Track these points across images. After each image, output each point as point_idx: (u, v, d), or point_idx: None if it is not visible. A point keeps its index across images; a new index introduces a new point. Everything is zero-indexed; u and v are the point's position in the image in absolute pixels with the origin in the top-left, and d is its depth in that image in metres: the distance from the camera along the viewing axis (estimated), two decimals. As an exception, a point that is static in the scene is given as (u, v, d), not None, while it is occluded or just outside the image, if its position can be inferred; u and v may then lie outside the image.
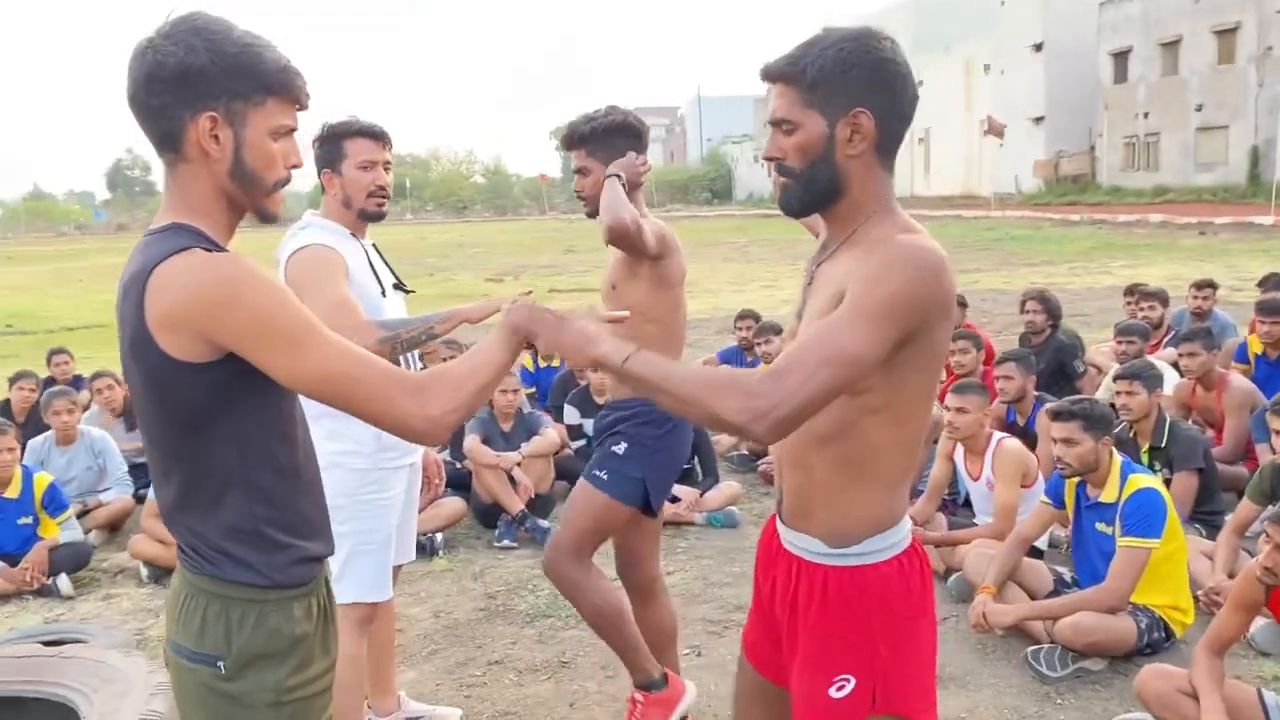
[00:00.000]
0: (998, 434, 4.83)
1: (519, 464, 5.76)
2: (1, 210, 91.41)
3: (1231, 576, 4.01)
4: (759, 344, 6.92)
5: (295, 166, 1.78)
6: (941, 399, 5.31)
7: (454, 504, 5.61)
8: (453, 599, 4.82)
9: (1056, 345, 6.98)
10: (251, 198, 1.73)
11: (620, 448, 3.18)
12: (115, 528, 5.94)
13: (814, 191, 1.88)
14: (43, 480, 5.33)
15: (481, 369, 1.75)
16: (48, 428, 6.03)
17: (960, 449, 4.92)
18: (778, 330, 6.98)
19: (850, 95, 1.81)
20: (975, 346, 6.26)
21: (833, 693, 1.87)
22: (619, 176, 3.10)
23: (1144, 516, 3.83)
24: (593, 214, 3.22)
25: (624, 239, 3.04)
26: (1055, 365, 6.83)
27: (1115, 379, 5.06)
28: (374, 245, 3.32)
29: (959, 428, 4.74)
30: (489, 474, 5.64)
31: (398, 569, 3.48)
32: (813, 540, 1.91)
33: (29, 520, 5.27)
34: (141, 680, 3.24)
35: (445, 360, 3.19)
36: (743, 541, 5.36)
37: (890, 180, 1.90)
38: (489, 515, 5.68)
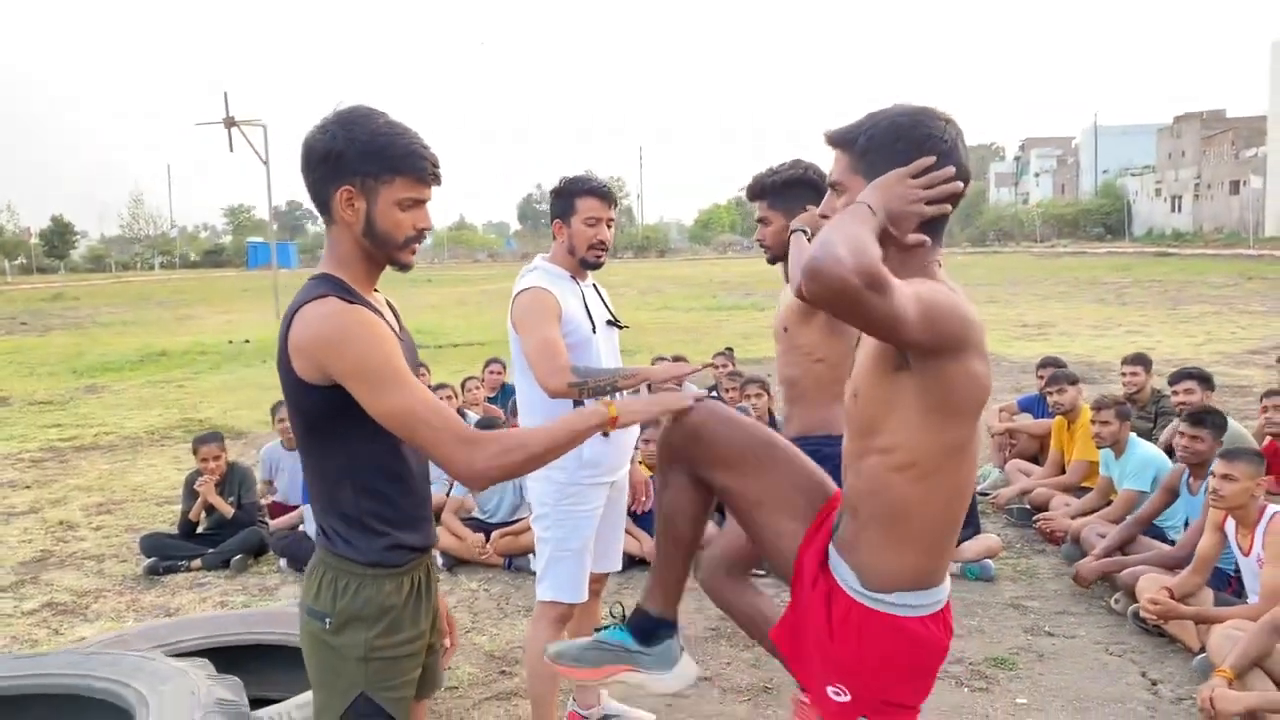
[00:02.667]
0: (1273, 507, 4.39)
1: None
2: (431, 239, 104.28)
3: None
4: (1050, 393, 6.64)
5: (425, 229, 2.19)
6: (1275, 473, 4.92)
7: (709, 527, 5.90)
8: (690, 615, 5.12)
9: None
10: (384, 253, 2.16)
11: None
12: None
13: None
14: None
15: (538, 443, 2.10)
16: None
17: (1232, 521, 4.52)
18: (1074, 380, 6.66)
19: (895, 165, 1.93)
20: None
21: (830, 693, 2.01)
22: (805, 232, 3.29)
23: None
24: (772, 260, 3.44)
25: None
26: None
27: None
28: (594, 284, 3.74)
29: (1224, 496, 4.36)
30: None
31: (602, 577, 3.86)
32: (852, 575, 2.04)
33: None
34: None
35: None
36: (991, 597, 5.22)
37: (932, 245, 1.98)
38: (746, 542, 5.91)
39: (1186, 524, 5.21)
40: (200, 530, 6.36)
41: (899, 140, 1.95)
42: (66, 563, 6.40)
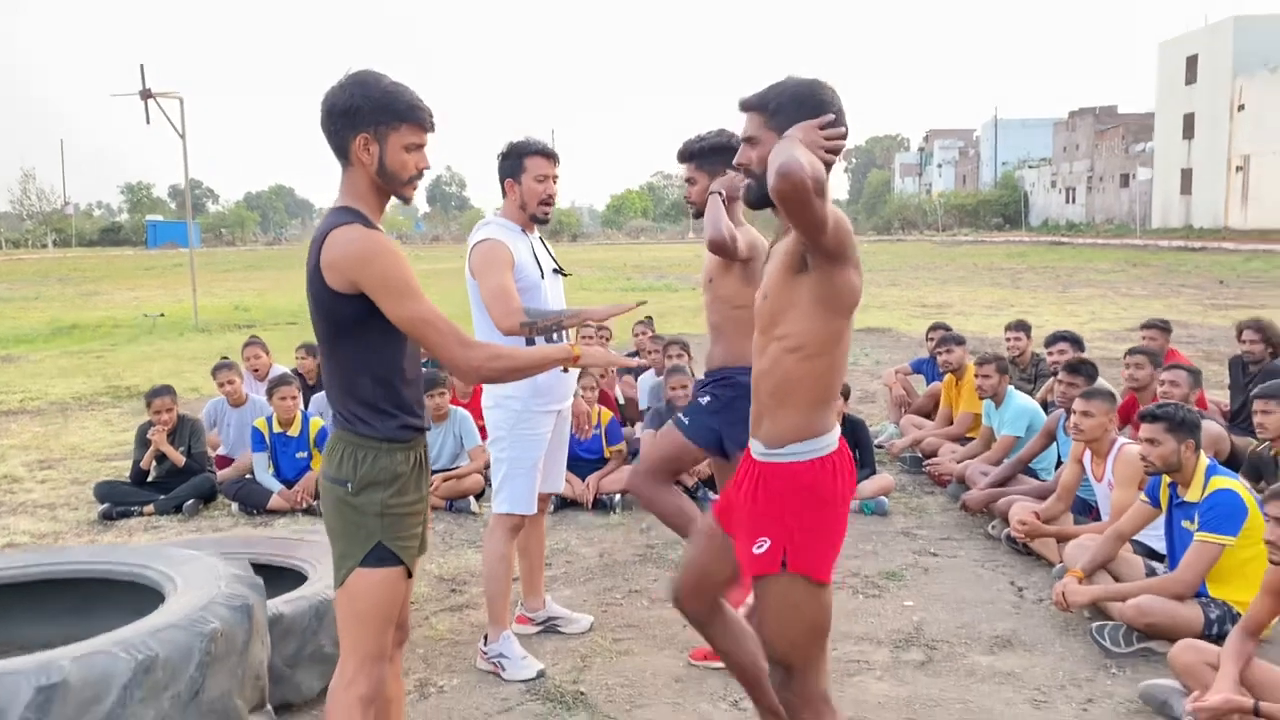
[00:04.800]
0: (1121, 439, 5.11)
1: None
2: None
3: None
4: (940, 353, 7.35)
5: (424, 168, 2.69)
6: (1129, 422, 5.65)
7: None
8: (618, 545, 5.69)
9: (1269, 371, 6.95)
10: (392, 189, 2.65)
11: (704, 400, 3.92)
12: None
13: (766, 190, 2.58)
14: (317, 423, 6.69)
15: (519, 358, 2.75)
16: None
17: (1089, 453, 5.23)
18: (960, 341, 7.39)
19: (799, 121, 2.51)
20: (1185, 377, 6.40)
21: (755, 549, 2.57)
22: (720, 193, 3.86)
23: (1220, 514, 4.10)
24: (698, 215, 4.01)
25: (721, 249, 3.80)
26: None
27: (1254, 398, 5.20)
28: (540, 238, 4.25)
29: (1083, 430, 5.06)
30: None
31: (547, 496, 4.39)
32: (757, 443, 2.62)
33: (305, 455, 6.64)
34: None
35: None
36: (885, 527, 5.88)
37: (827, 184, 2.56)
38: (667, 484, 6.49)
39: (1058, 465, 5.94)
40: (151, 479, 6.69)
41: (803, 103, 2.54)
42: (19, 510, 6.68)
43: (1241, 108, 44.30)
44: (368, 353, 2.60)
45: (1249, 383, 7.06)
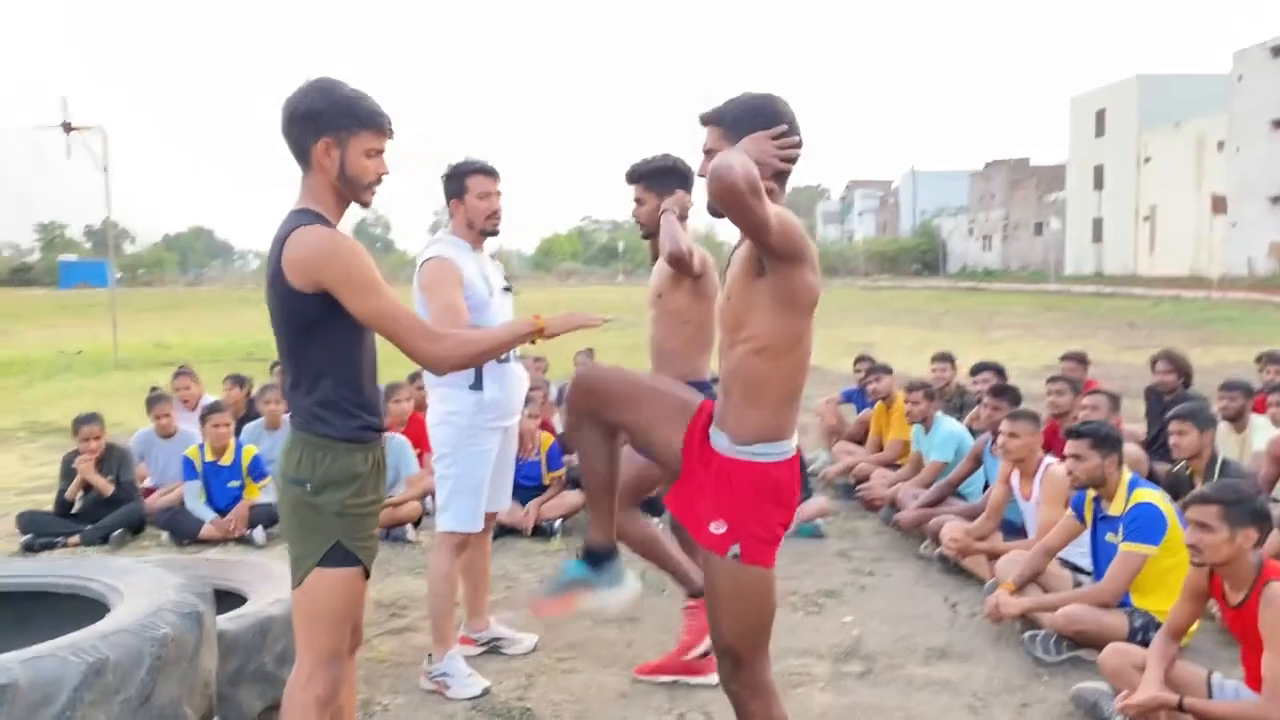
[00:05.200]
0: (1048, 459, 5.30)
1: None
2: (259, 260, 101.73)
3: None
4: (869, 381, 7.53)
5: (384, 174, 2.73)
6: (1052, 448, 5.84)
7: (574, 497, 6.50)
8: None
9: (1181, 399, 7.24)
10: (352, 193, 2.69)
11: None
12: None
13: None
14: (250, 451, 6.61)
15: (487, 341, 2.80)
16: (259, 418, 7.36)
17: (1016, 473, 5.40)
18: (888, 370, 7.59)
19: (752, 132, 2.62)
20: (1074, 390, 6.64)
21: (712, 527, 2.64)
22: (673, 211, 3.95)
23: (1142, 526, 4.28)
24: (646, 236, 4.10)
25: (680, 263, 3.88)
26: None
27: (1170, 420, 5.43)
28: (490, 256, 4.30)
29: (1010, 450, 5.24)
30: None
31: (491, 515, 4.40)
32: (723, 437, 2.68)
33: (237, 483, 6.54)
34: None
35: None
36: (821, 549, 5.99)
37: (780, 191, 2.67)
38: (606, 511, 6.52)
39: (985, 487, 6.11)
40: (77, 509, 6.52)
41: (757, 114, 2.66)
42: (-66, 543, 6.45)
43: (1148, 160, 46.17)
44: (330, 352, 2.62)
45: (1163, 412, 7.34)
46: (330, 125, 2.61)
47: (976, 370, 7.53)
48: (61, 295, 55.79)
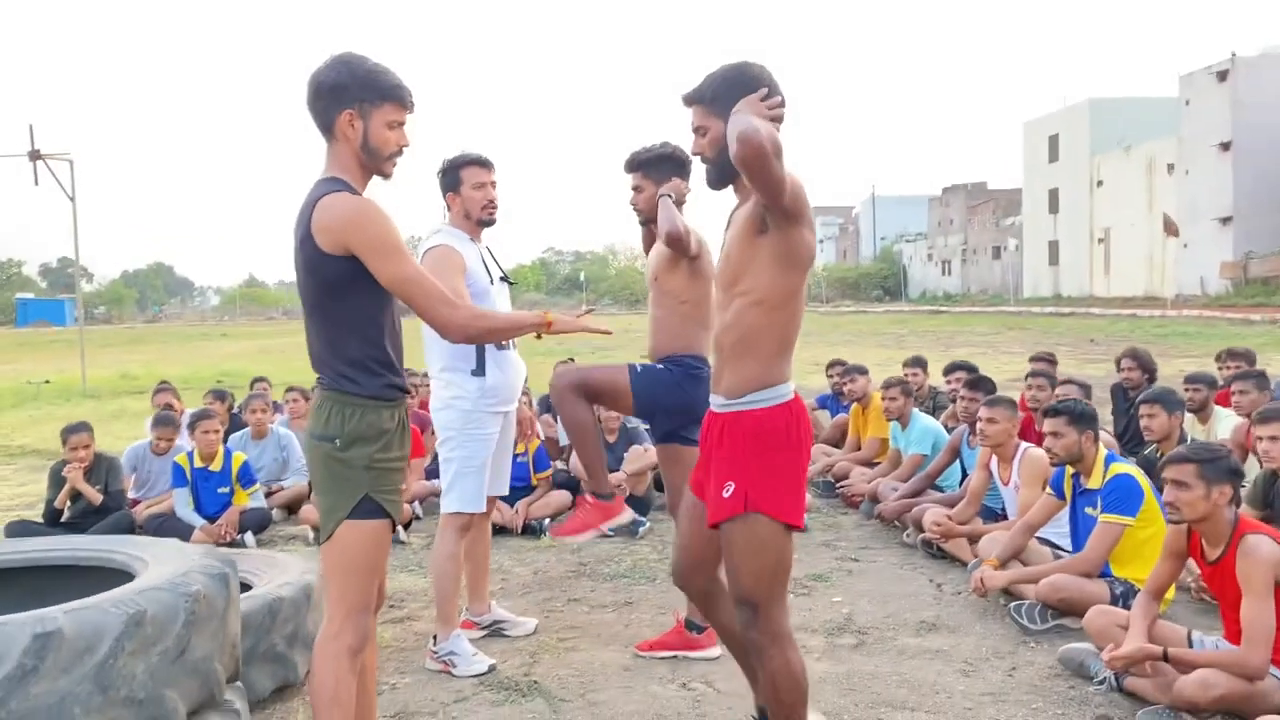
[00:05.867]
0: (1024, 444, 5.48)
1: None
2: (219, 297, 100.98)
3: None
4: (845, 384, 7.71)
5: (405, 145, 2.86)
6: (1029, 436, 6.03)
7: (562, 496, 6.62)
8: (551, 564, 5.80)
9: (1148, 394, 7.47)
10: (374, 164, 2.82)
11: (661, 367, 4.01)
12: (292, 510, 7.20)
13: (723, 172, 2.84)
14: (239, 458, 6.66)
15: (499, 321, 3.02)
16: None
17: (995, 459, 5.58)
18: (863, 371, 7.78)
19: (734, 102, 2.77)
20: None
21: (724, 494, 2.76)
22: (670, 196, 4.11)
23: (1119, 497, 4.46)
24: (644, 222, 4.25)
25: (677, 243, 4.01)
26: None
27: (1140, 404, 5.65)
28: (488, 247, 4.43)
29: (989, 435, 5.42)
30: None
31: (493, 499, 4.50)
32: (718, 396, 2.83)
33: (226, 490, 6.58)
34: (296, 566, 4.33)
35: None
36: (806, 540, 6.11)
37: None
38: (593, 510, 6.63)
39: (963, 480, 6.29)
40: (66, 519, 6.52)
41: (735, 83, 2.83)
42: (-80, 555, 6.42)
43: (1100, 183, 47.15)
44: (355, 313, 2.74)
45: (1130, 408, 7.59)
46: (354, 97, 2.74)
47: (950, 370, 7.74)
48: (19, 333, 55.06)
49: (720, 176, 2.88)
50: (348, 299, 2.73)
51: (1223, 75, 38.47)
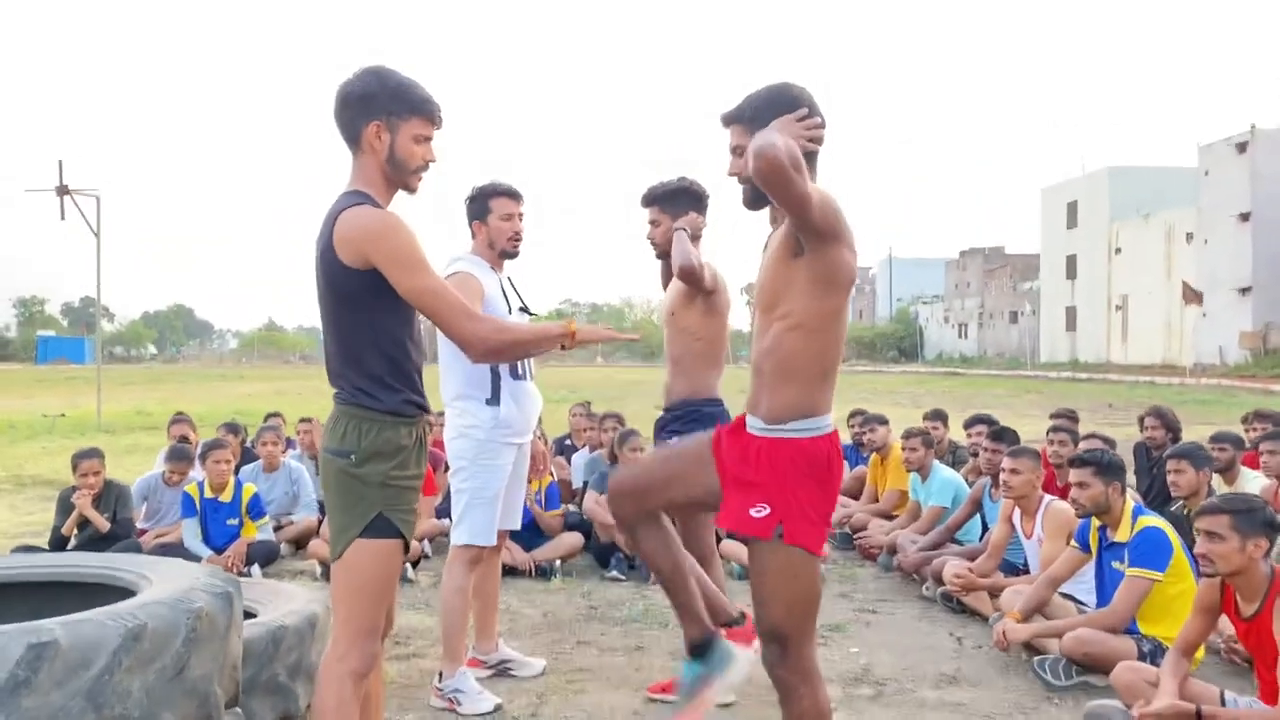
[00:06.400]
0: (1048, 496, 5.37)
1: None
2: (238, 341, 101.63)
3: None
4: (865, 433, 7.60)
5: (431, 160, 2.83)
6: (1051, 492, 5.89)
7: (574, 538, 6.51)
8: (561, 606, 5.68)
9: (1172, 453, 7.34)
10: (399, 177, 2.78)
11: (673, 441, 4.01)
12: (301, 545, 7.10)
13: (760, 190, 2.77)
14: (249, 490, 6.58)
15: (522, 334, 2.87)
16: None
17: (1018, 511, 5.46)
18: (884, 421, 7.67)
19: (773, 121, 2.72)
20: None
21: (753, 512, 2.67)
22: (685, 230, 4.07)
23: (1147, 551, 4.34)
24: (660, 256, 4.22)
25: (691, 277, 3.97)
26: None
27: (1168, 459, 5.53)
28: (509, 278, 4.39)
29: (1012, 486, 5.30)
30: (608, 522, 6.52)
31: (504, 534, 4.41)
32: (756, 420, 2.74)
33: (235, 521, 6.50)
34: (302, 596, 4.23)
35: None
36: (823, 591, 5.98)
37: (814, 178, 2.77)
38: (604, 555, 6.52)
39: (984, 534, 6.16)
40: (72, 546, 6.44)
41: (775, 103, 2.78)
42: (-76, 579, 6.34)
43: (1119, 250, 47.14)
44: (375, 327, 2.68)
45: (1154, 466, 7.47)
46: (382, 109, 2.71)
47: (971, 424, 7.64)
48: (39, 370, 55.40)
49: (756, 197, 2.82)
50: (368, 313, 2.67)
51: (1242, 146, 38.58)
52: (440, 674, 4.13)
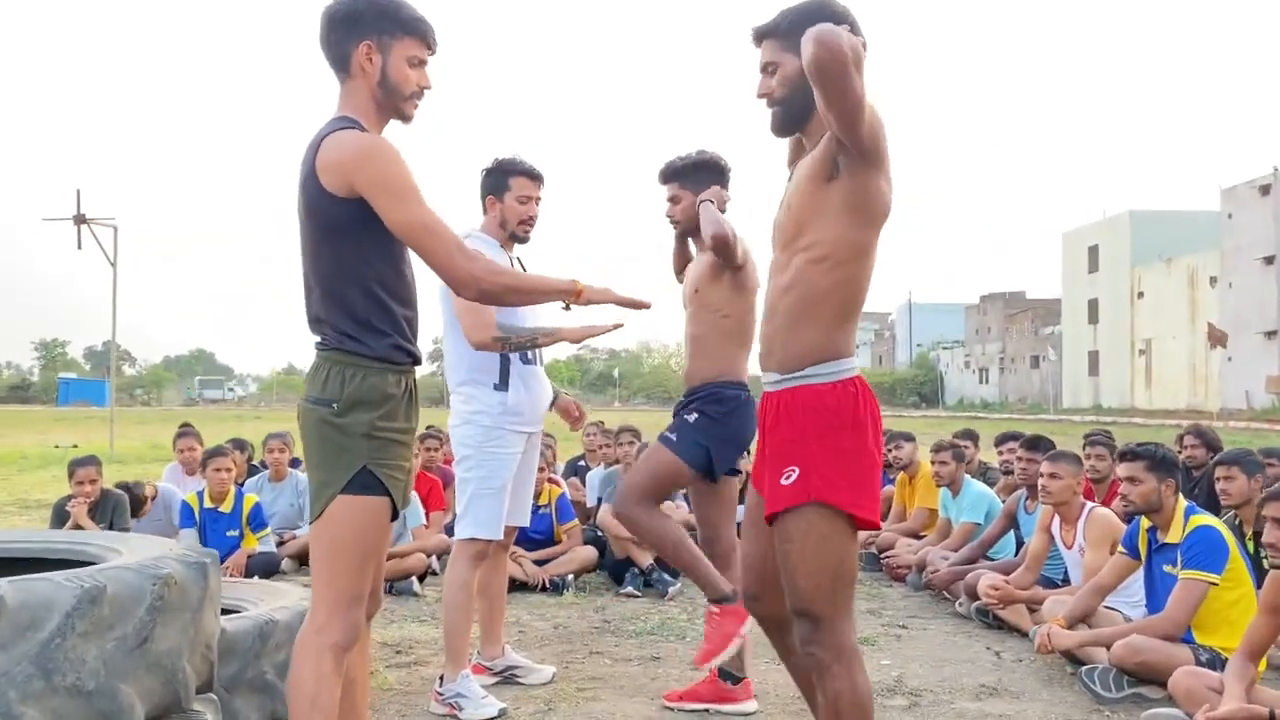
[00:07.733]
0: (1089, 503, 5.05)
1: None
2: (257, 385, 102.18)
3: None
4: (890, 449, 7.30)
5: (426, 86, 2.60)
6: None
7: (588, 552, 6.22)
8: (573, 619, 5.38)
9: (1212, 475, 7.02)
10: (392, 104, 2.55)
11: (692, 418, 3.75)
12: (303, 561, 6.82)
13: (793, 113, 2.53)
14: (250, 500, 6.33)
15: (522, 280, 2.67)
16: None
17: (1057, 520, 5.14)
18: (910, 438, 7.37)
19: None
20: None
21: (783, 481, 2.40)
22: (711, 201, 3.82)
23: (1202, 551, 4.02)
24: (681, 235, 3.97)
25: (724, 246, 3.69)
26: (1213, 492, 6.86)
27: (1216, 466, 5.21)
28: (518, 258, 4.15)
29: (1051, 492, 4.99)
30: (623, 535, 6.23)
31: (512, 530, 4.14)
32: (772, 374, 2.48)
33: (235, 533, 6.24)
34: (294, 593, 3.96)
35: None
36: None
37: None
38: (618, 570, 6.23)
39: (1017, 552, 5.84)
40: (65, 557, 6.20)
41: (815, 18, 2.45)
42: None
43: (1141, 295, 46.71)
44: (358, 262, 2.44)
45: (1194, 487, 7.12)
46: (372, 28, 2.48)
47: (1001, 440, 7.32)
48: (59, 411, 55.58)
49: (789, 117, 2.55)
50: (353, 248, 2.43)
51: (1265, 189, 38.29)
52: (441, 678, 3.84)
